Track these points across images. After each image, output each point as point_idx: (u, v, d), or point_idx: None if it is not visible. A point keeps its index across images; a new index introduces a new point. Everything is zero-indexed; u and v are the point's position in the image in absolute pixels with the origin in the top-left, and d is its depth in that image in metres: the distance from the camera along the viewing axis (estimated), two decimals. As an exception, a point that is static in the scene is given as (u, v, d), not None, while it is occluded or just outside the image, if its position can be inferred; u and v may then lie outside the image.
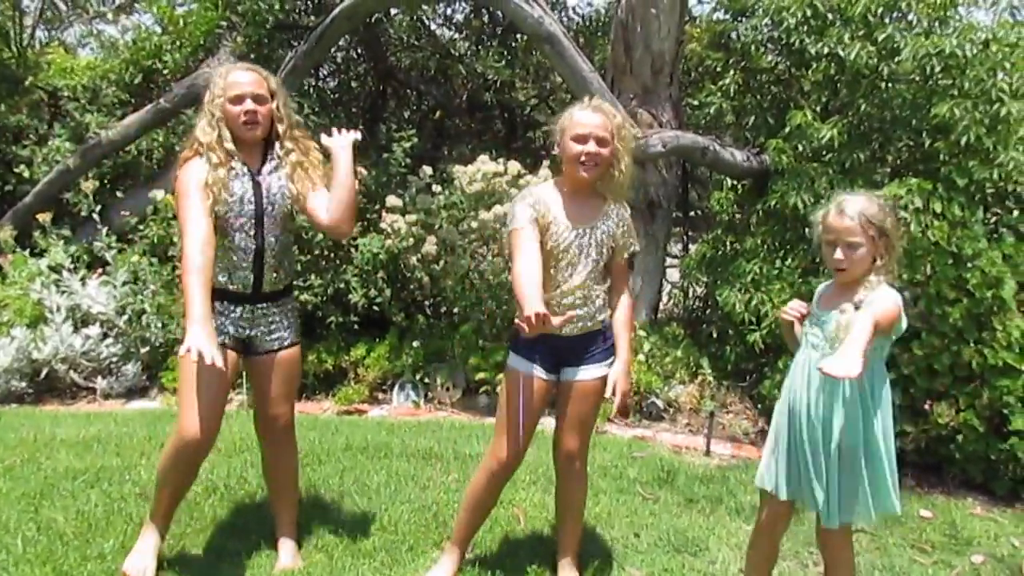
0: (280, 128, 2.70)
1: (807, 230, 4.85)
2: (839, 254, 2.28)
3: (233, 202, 2.60)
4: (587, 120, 2.52)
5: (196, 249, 2.45)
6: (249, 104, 2.60)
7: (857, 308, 2.24)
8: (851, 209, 2.27)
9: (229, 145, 2.60)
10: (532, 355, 2.61)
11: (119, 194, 6.46)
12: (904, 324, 2.32)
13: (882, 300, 2.23)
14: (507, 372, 2.69)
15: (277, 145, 2.71)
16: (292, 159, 2.70)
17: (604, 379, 2.66)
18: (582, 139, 2.51)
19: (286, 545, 2.91)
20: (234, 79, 2.62)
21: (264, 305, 2.73)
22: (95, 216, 5.46)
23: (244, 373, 3.07)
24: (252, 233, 2.64)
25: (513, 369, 2.64)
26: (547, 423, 3.00)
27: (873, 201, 2.32)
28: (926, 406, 4.00)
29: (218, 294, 2.62)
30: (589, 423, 2.73)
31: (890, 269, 2.32)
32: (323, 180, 2.72)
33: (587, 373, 2.65)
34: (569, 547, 2.83)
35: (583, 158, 2.51)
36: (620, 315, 2.70)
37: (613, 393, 2.65)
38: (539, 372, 2.62)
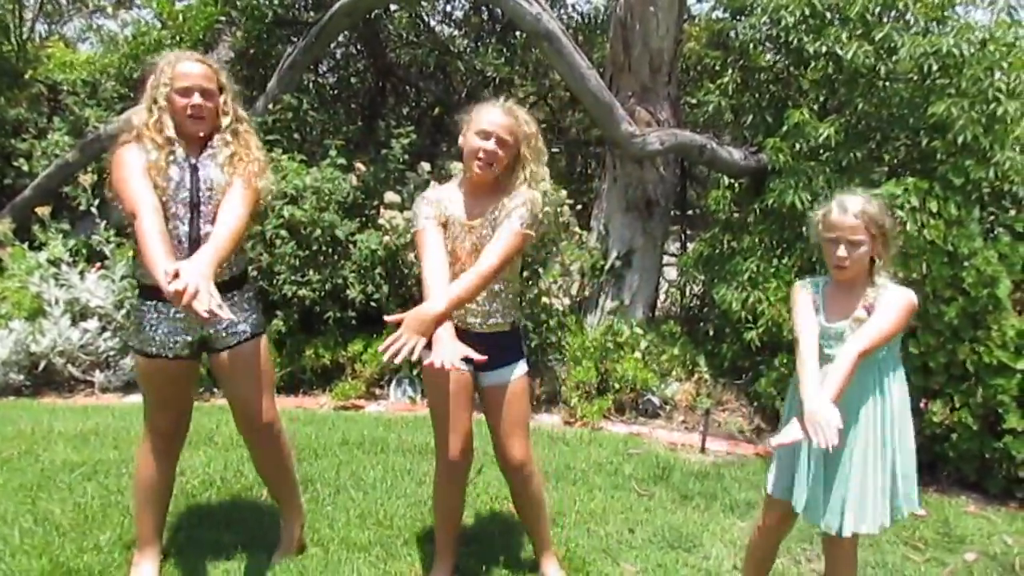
0: (224, 121, 2.58)
1: (804, 229, 4.81)
2: (842, 252, 2.28)
3: (169, 189, 2.45)
4: (494, 119, 2.48)
5: (151, 214, 2.31)
6: (196, 98, 2.49)
7: (870, 313, 2.26)
8: (854, 207, 2.29)
9: (170, 133, 2.48)
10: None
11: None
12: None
13: (887, 308, 2.25)
14: (423, 370, 2.65)
15: (216, 136, 2.58)
16: (228, 151, 2.56)
17: (522, 379, 2.62)
18: (484, 135, 2.46)
19: (288, 532, 2.90)
20: (183, 69, 2.50)
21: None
22: (94, 210, 5.47)
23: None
24: (186, 221, 2.48)
25: (426, 366, 2.44)
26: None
27: (873, 201, 2.34)
28: (921, 404, 4.02)
29: (151, 293, 2.46)
30: (521, 424, 2.65)
31: (888, 268, 2.34)
32: (261, 169, 2.59)
33: (501, 377, 2.59)
34: (543, 543, 2.82)
35: (480, 154, 2.46)
36: (476, 266, 2.42)
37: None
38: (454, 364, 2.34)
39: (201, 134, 2.54)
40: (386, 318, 2.29)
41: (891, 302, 2.26)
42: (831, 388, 2.12)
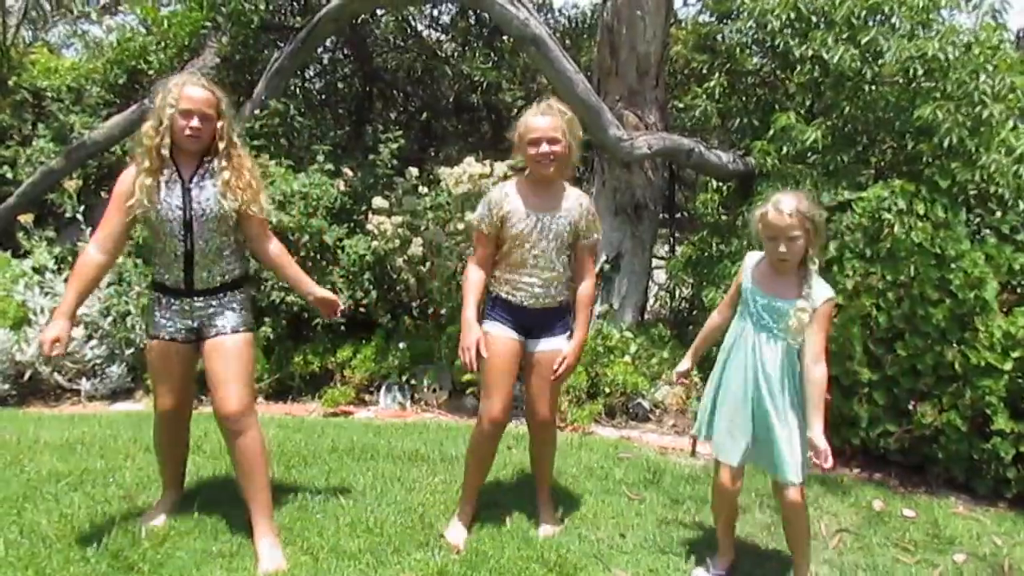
0: (220, 145, 2.89)
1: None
2: (783, 248, 2.59)
3: (162, 210, 2.81)
4: (540, 124, 2.89)
5: (94, 246, 2.85)
6: (195, 122, 2.80)
7: (807, 301, 2.60)
8: (788, 207, 2.56)
9: (165, 152, 2.80)
10: (498, 319, 3.01)
11: (103, 195, 6.42)
12: None
13: (822, 322, 2.63)
14: (483, 338, 2.96)
15: (215, 160, 2.90)
16: (224, 177, 2.88)
17: (555, 352, 3.03)
18: (535, 143, 2.88)
19: (264, 544, 2.85)
20: (187, 93, 2.81)
21: (200, 300, 2.93)
22: (79, 217, 5.43)
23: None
24: (181, 237, 2.85)
25: (487, 332, 2.97)
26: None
27: (804, 197, 2.62)
28: (909, 406, 4.03)
29: (159, 287, 2.94)
30: (554, 388, 3.10)
31: (817, 255, 2.67)
32: (254, 196, 2.94)
33: (548, 344, 3.03)
34: (544, 484, 3.30)
35: (539, 159, 2.89)
36: (582, 295, 3.06)
37: (561, 364, 3.00)
38: (510, 333, 3.00)
39: (197, 149, 2.86)
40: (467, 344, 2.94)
41: (823, 314, 2.62)
42: (819, 418, 2.60)
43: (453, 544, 3.03)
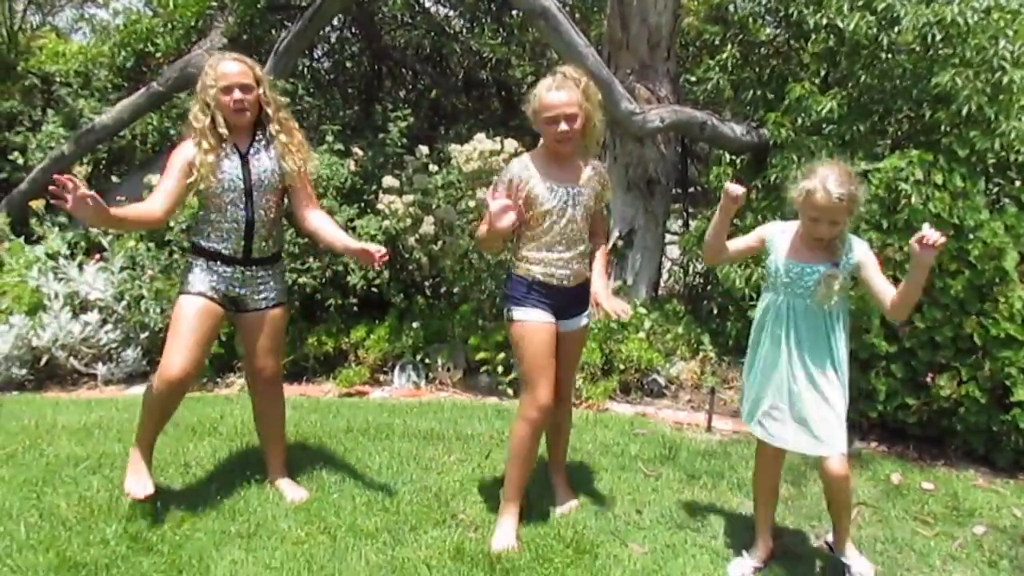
0: (269, 111, 3.01)
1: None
2: (825, 230, 2.55)
3: (223, 181, 2.93)
4: (554, 101, 2.75)
5: (148, 202, 2.89)
6: (237, 94, 2.90)
7: (838, 267, 2.58)
8: (837, 190, 2.48)
9: (222, 130, 2.92)
10: (536, 304, 2.88)
11: (114, 179, 6.42)
12: None
13: (873, 262, 2.60)
14: (516, 324, 2.89)
15: (269, 127, 3.03)
16: (282, 139, 3.02)
17: (586, 327, 3.06)
18: (553, 121, 2.76)
19: (285, 483, 3.29)
20: (223, 70, 2.91)
21: (254, 268, 3.06)
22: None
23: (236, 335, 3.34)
24: (242, 206, 2.97)
25: (520, 321, 2.88)
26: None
27: (850, 175, 2.54)
28: (928, 379, 3.99)
29: (212, 255, 3.00)
30: (577, 365, 3.23)
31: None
32: (307, 155, 3.12)
33: (575, 323, 3.00)
34: (561, 465, 3.30)
35: (558, 137, 2.78)
36: (602, 253, 3.06)
37: (598, 306, 2.93)
38: (547, 317, 2.89)
39: (248, 120, 2.97)
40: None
41: (870, 264, 2.60)
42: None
43: (507, 548, 2.85)
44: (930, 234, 2.34)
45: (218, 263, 3.00)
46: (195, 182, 2.90)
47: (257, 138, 3.03)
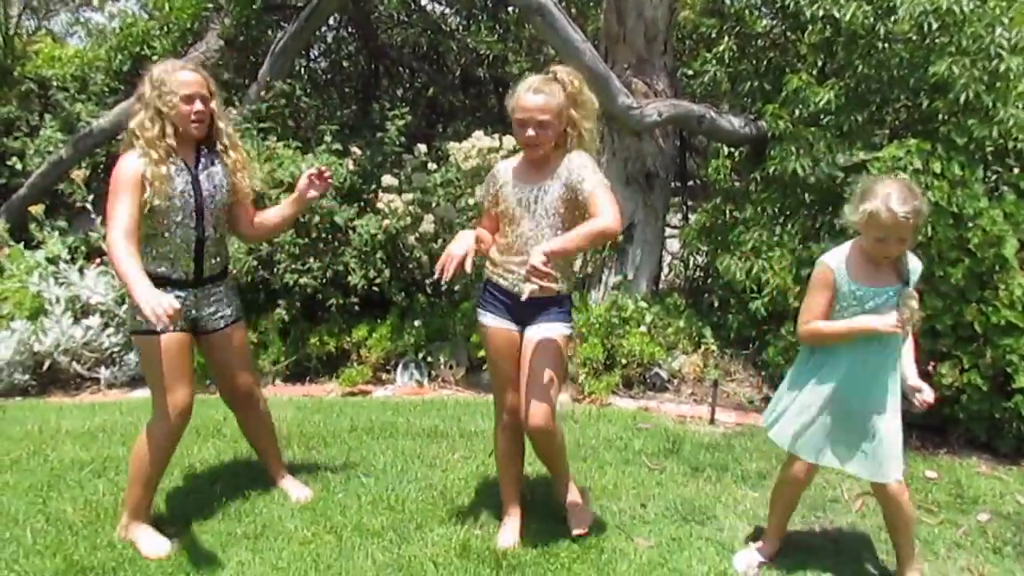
0: (220, 125, 2.89)
1: (807, 195, 4.82)
2: (894, 249, 2.48)
3: (175, 196, 2.76)
4: (528, 103, 2.59)
5: (122, 235, 2.60)
6: (198, 105, 2.77)
7: (908, 287, 2.53)
8: (902, 209, 2.39)
9: (171, 141, 2.75)
10: (495, 309, 2.79)
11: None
12: None
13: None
14: (479, 327, 2.86)
15: (218, 143, 2.91)
16: (232, 156, 2.92)
17: (560, 338, 2.73)
18: (522, 124, 2.61)
19: (288, 482, 3.30)
20: (184, 78, 2.76)
21: (207, 287, 2.94)
22: (89, 206, 5.43)
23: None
24: (193, 225, 2.83)
25: (480, 324, 2.84)
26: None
27: (911, 191, 2.45)
28: (929, 368, 3.99)
29: (161, 282, 2.71)
30: (548, 379, 2.69)
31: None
32: (251, 176, 3.02)
33: (542, 331, 2.72)
34: (564, 483, 3.02)
35: (524, 142, 2.64)
36: (594, 222, 2.56)
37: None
38: (506, 324, 2.78)
39: (197, 136, 2.83)
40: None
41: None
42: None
43: (504, 547, 2.84)
44: (927, 396, 2.56)
45: (167, 289, 2.73)
46: (149, 198, 2.69)
47: (203, 153, 2.88)
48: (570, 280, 2.84)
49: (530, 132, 2.60)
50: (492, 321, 2.79)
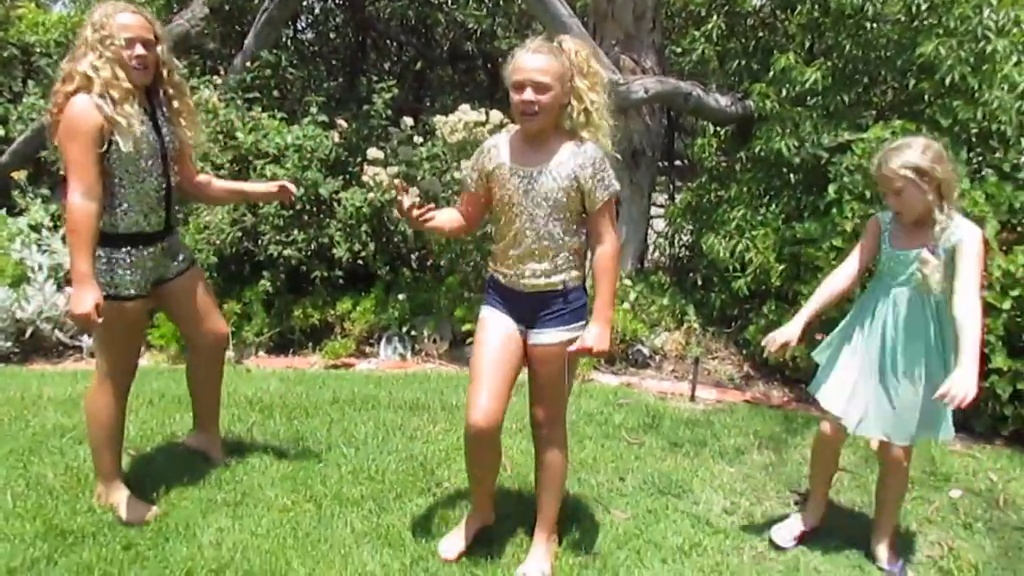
0: (164, 72, 2.71)
1: (792, 175, 4.84)
2: (892, 201, 2.54)
3: (142, 140, 2.60)
4: (525, 64, 2.29)
5: (86, 199, 2.48)
6: (139, 49, 2.57)
7: (934, 253, 2.48)
8: (889, 161, 2.48)
9: (127, 85, 2.55)
10: (497, 305, 2.54)
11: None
12: None
13: (968, 251, 2.43)
14: (479, 320, 2.61)
15: (166, 91, 2.74)
16: (175, 106, 2.76)
17: (567, 343, 2.44)
18: (518, 87, 2.31)
19: (213, 440, 3.28)
20: (124, 21, 2.56)
21: (171, 238, 2.84)
22: (73, 174, 5.37)
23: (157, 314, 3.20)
24: (161, 172, 2.71)
25: (480, 317, 2.59)
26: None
27: (913, 148, 2.48)
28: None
29: (130, 240, 2.65)
30: (556, 390, 2.52)
31: (950, 204, 2.50)
32: (197, 127, 2.87)
33: (544, 337, 2.47)
34: (545, 520, 2.65)
35: (521, 107, 2.32)
36: (599, 261, 2.41)
37: (580, 348, 2.40)
38: (506, 320, 2.51)
39: (146, 81, 2.64)
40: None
41: (964, 252, 2.44)
42: (971, 357, 2.38)
43: (444, 557, 2.64)
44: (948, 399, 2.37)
45: (140, 247, 2.67)
46: (116, 144, 2.52)
47: (156, 102, 2.73)
48: (578, 268, 2.50)
49: (527, 94, 2.28)
50: (490, 313, 2.54)
